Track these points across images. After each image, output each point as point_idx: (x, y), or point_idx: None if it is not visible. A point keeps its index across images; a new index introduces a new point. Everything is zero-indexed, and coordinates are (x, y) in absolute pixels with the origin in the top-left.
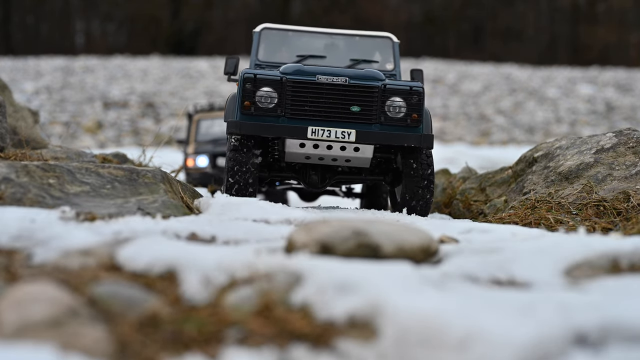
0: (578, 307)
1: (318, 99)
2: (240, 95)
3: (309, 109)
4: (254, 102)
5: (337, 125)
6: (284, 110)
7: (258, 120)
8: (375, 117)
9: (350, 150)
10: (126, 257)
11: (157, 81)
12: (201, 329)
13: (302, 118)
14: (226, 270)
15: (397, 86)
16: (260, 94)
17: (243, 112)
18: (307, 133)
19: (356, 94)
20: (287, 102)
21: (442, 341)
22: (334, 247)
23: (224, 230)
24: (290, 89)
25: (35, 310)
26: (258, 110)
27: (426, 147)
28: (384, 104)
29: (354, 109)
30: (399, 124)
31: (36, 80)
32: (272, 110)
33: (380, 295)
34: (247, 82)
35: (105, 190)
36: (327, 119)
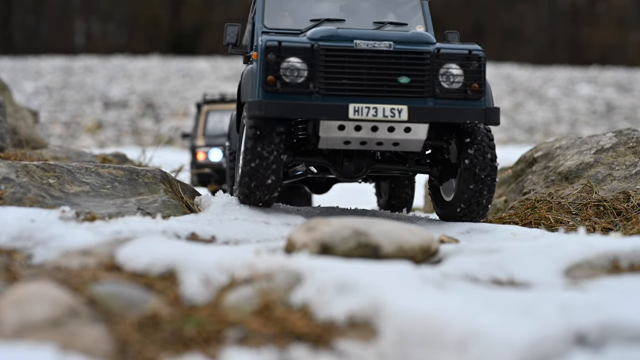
0: (578, 307)
1: (358, 69)
2: (262, 69)
3: (347, 82)
4: (279, 76)
5: (383, 101)
6: (316, 84)
7: (286, 98)
8: (428, 89)
9: (399, 131)
10: (126, 257)
11: (157, 81)
12: (201, 329)
13: (339, 94)
14: (226, 270)
15: (453, 50)
16: (286, 66)
17: (266, 89)
18: (348, 112)
19: (404, 61)
20: (320, 74)
21: (442, 341)
22: (334, 247)
23: (224, 230)
24: (323, 59)
25: (35, 310)
26: (285, 87)
27: (492, 123)
28: (438, 72)
29: (402, 80)
30: (457, 96)
31: (36, 80)
32: (303, 85)
33: (380, 296)
34: (269, 51)
35: (105, 190)
36: (370, 93)
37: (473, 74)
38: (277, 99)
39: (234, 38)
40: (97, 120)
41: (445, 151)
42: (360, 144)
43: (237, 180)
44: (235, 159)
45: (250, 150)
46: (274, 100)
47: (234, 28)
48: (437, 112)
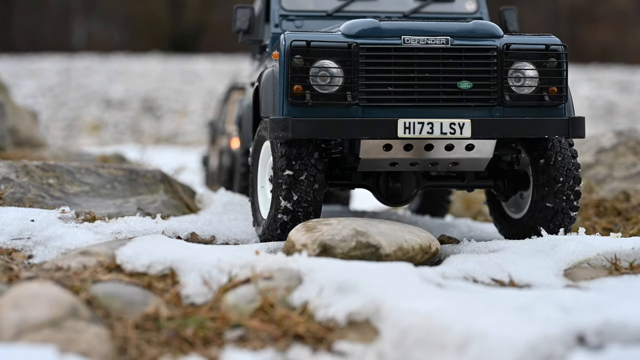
0: (578, 308)
1: (408, 73)
2: (286, 76)
3: (394, 90)
4: (308, 85)
5: (440, 114)
6: (355, 94)
7: (317, 113)
8: (495, 95)
9: (460, 149)
10: (126, 257)
11: (157, 81)
12: (201, 329)
13: (384, 105)
14: (226, 270)
15: (526, 45)
16: (317, 72)
17: (292, 102)
18: (397, 130)
19: (465, 60)
20: (359, 81)
21: (442, 342)
22: (333, 247)
23: (224, 230)
24: (364, 61)
25: (35, 311)
26: (316, 98)
27: (577, 135)
28: (507, 74)
29: (463, 86)
30: (531, 103)
31: (36, 80)
32: (338, 95)
33: (380, 296)
34: (295, 53)
35: (105, 190)
36: (423, 103)
37: (551, 74)
38: (307, 115)
39: (245, 23)
40: (97, 120)
41: (513, 161)
42: (410, 165)
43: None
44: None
45: (286, 184)
46: (303, 117)
47: (245, 11)
48: (508, 126)
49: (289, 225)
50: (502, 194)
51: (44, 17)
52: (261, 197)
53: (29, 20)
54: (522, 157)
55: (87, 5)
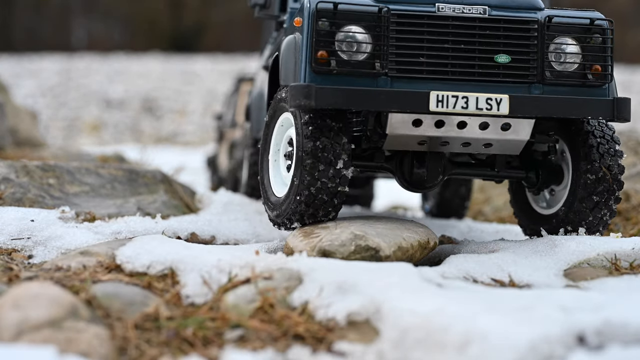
0: (578, 308)
1: (442, 43)
2: (310, 41)
3: (426, 61)
4: (333, 51)
5: (475, 88)
6: (384, 63)
7: (343, 82)
8: (534, 71)
9: (495, 128)
10: (126, 257)
11: (157, 80)
12: (201, 329)
13: (415, 76)
14: (226, 270)
15: (569, 18)
16: (343, 37)
17: (316, 68)
18: (428, 103)
19: (504, 33)
20: (389, 49)
21: (442, 342)
22: (333, 253)
23: (224, 230)
24: (394, 28)
25: (34, 311)
26: (342, 65)
27: (622, 119)
28: (547, 48)
29: (501, 60)
30: (573, 82)
31: (36, 80)
32: (366, 64)
33: (380, 296)
34: (321, 17)
35: (105, 191)
36: (458, 76)
37: (594, 51)
38: (332, 83)
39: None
40: (97, 120)
41: (550, 150)
42: (441, 144)
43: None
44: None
45: (310, 156)
46: (327, 85)
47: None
48: (548, 104)
49: (309, 212)
50: (534, 187)
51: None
52: (273, 173)
53: (29, 20)
54: (560, 147)
55: (87, 5)
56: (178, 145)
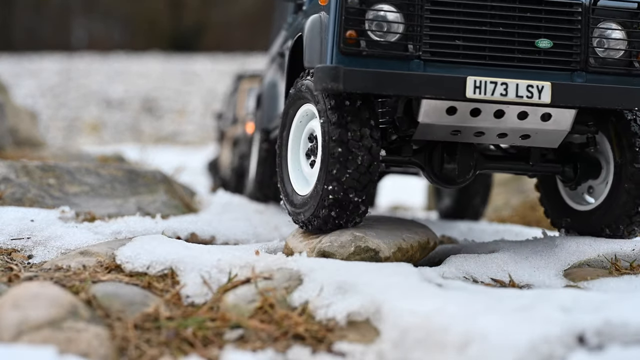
0: (578, 308)
1: (479, 25)
2: (338, 20)
3: (462, 43)
4: (363, 31)
5: (513, 75)
6: (417, 45)
7: (373, 65)
8: (578, 58)
9: (534, 118)
10: (126, 257)
11: (157, 80)
12: (201, 329)
13: (450, 60)
14: (226, 270)
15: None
16: (374, 16)
17: (345, 49)
18: (465, 88)
19: (546, 15)
20: (422, 30)
21: (442, 342)
22: (332, 254)
23: (224, 230)
24: (428, 7)
25: (34, 311)
26: (372, 47)
27: None
28: (592, 33)
29: (542, 44)
30: (618, 70)
31: (36, 79)
32: (397, 45)
33: (380, 296)
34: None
35: (104, 191)
36: (495, 61)
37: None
38: (361, 65)
39: None
40: (97, 120)
41: (589, 142)
42: (475, 135)
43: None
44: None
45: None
46: (357, 67)
47: None
48: (592, 94)
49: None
50: (571, 182)
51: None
52: (293, 171)
53: (29, 20)
54: (600, 139)
55: (87, 5)
56: (178, 145)
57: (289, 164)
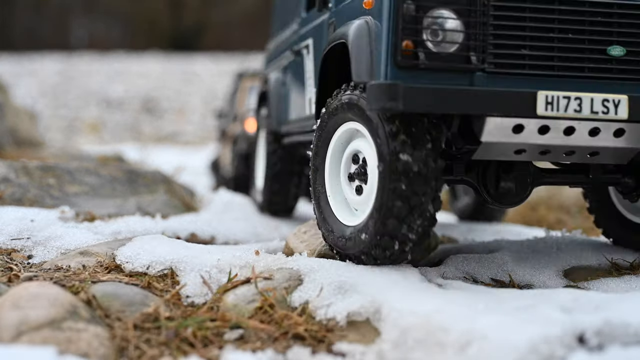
0: (578, 308)
1: (547, 31)
2: (393, 28)
3: (529, 53)
4: (420, 41)
5: (583, 87)
6: (481, 55)
7: (431, 79)
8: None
9: (607, 134)
10: (125, 257)
11: (157, 80)
12: (201, 329)
13: (516, 72)
14: (226, 270)
15: None
16: (431, 23)
17: (401, 63)
18: (535, 105)
19: (618, 20)
20: (485, 38)
21: (442, 342)
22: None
23: (224, 230)
24: (493, 13)
25: (34, 311)
26: (432, 59)
27: None
28: None
29: (614, 52)
30: None
31: (36, 79)
32: (458, 56)
33: (380, 296)
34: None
35: (104, 191)
36: (564, 72)
37: None
38: (419, 81)
39: None
40: (97, 120)
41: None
42: (540, 153)
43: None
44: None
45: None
46: (416, 84)
47: None
48: None
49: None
50: (631, 193)
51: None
52: (334, 198)
53: (29, 20)
54: None
55: (87, 5)
56: (178, 145)
57: (328, 188)
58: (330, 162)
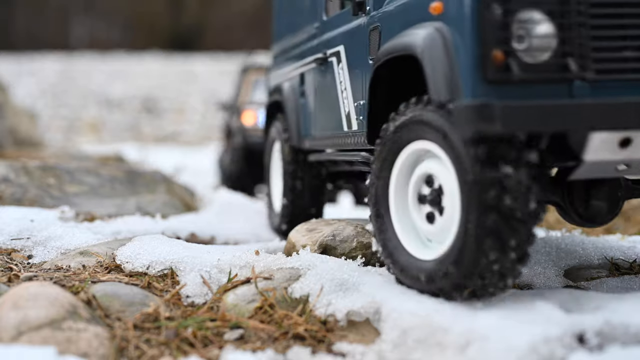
0: (578, 308)
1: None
2: (477, 37)
3: (632, 55)
4: (511, 51)
5: None
6: (581, 62)
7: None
8: None
9: None
10: (125, 257)
11: (157, 80)
12: (201, 329)
13: (619, 78)
14: (226, 270)
15: None
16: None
17: (491, 76)
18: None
19: None
20: (584, 41)
21: (442, 343)
22: (334, 248)
23: (224, 230)
24: (590, 12)
25: (34, 311)
26: (527, 70)
27: None
28: None
29: None
30: None
31: (36, 79)
32: (553, 65)
33: (380, 296)
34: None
35: (104, 190)
36: None
37: None
38: (514, 96)
39: None
40: (97, 119)
41: None
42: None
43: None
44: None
45: (490, 210)
46: (511, 100)
47: None
48: None
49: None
50: None
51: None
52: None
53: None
54: None
55: (88, 4)
56: (178, 145)
57: (393, 215)
58: (395, 187)
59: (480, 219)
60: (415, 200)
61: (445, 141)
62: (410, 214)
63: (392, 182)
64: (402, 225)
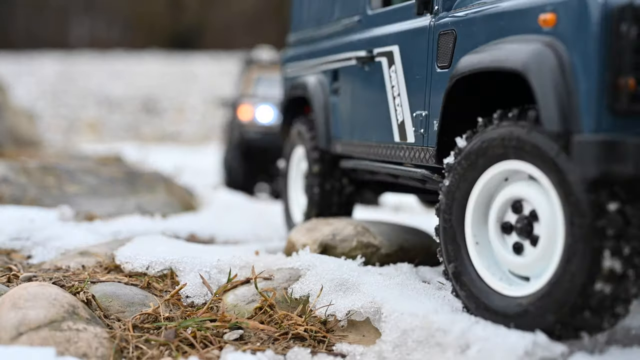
0: None
1: None
2: (605, 60)
3: None
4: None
5: None
6: None
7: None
8: None
9: None
10: (125, 257)
11: (157, 79)
12: (200, 329)
13: None
14: (225, 270)
15: None
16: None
17: (620, 108)
18: None
19: None
20: None
21: (442, 343)
22: (334, 247)
23: (224, 230)
24: None
25: (33, 311)
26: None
27: None
28: None
29: None
30: None
31: (36, 78)
32: None
33: (380, 297)
34: (623, 19)
35: (104, 190)
36: None
37: None
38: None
39: None
40: (97, 119)
41: None
42: None
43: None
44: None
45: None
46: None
47: None
48: None
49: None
50: None
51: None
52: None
53: (29, 19)
54: None
55: (88, 4)
56: (178, 145)
57: (469, 244)
58: (475, 211)
59: (593, 252)
60: (498, 226)
61: (555, 173)
62: (490, 240)
63: (471, 205)
64: (481, 255)
